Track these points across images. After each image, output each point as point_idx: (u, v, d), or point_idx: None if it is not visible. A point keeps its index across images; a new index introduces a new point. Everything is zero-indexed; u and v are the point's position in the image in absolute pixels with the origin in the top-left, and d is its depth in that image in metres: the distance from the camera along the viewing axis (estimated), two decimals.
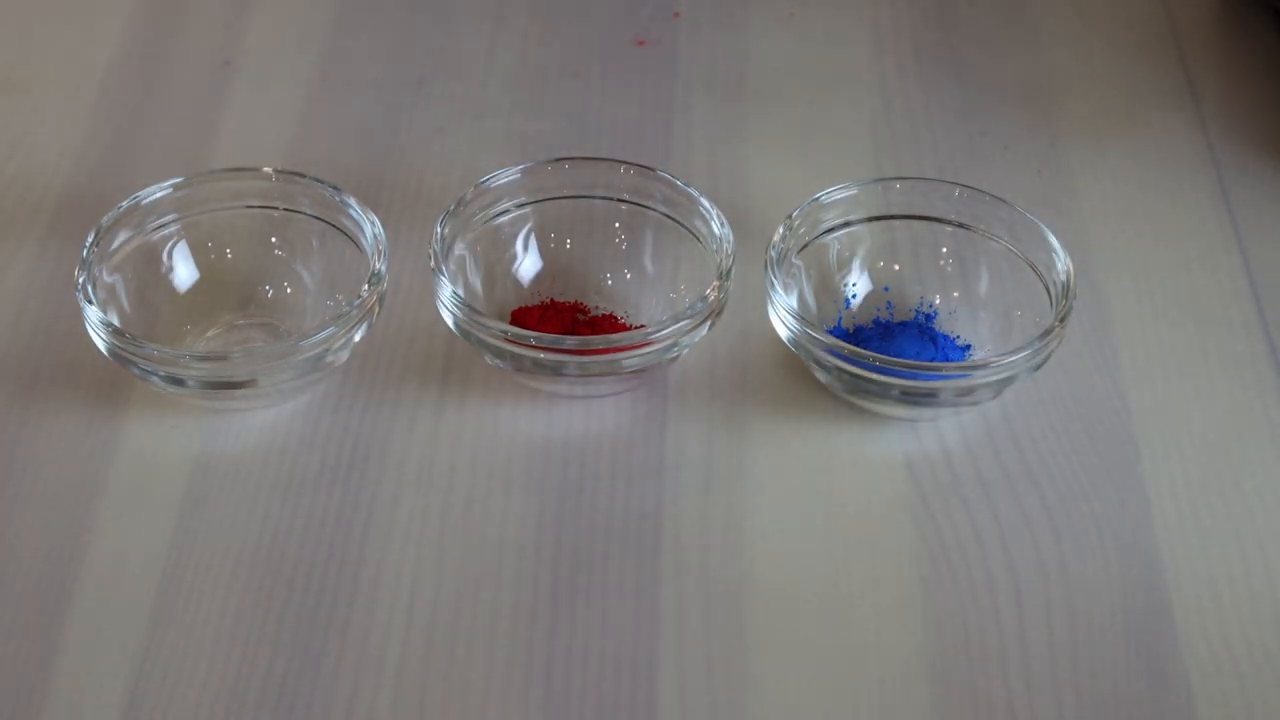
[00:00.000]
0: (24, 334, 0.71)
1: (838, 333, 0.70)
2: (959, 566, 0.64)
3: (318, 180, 0.71)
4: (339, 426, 0.68)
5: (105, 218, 0.69)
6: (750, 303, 0.72)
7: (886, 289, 0.72)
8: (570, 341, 0.66)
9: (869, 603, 0.63)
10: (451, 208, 0.70)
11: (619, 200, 0.72)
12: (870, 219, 0.72)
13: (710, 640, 0.61)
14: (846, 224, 0.71)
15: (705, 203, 0.70)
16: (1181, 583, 0.63)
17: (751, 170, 0.80)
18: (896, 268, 0.72)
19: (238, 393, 0.66)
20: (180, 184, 0.71)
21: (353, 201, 0.70)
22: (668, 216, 0.72)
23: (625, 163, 0.72)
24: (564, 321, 0.70)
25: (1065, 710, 0.59)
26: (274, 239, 0.72)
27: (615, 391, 0.69)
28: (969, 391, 0.65)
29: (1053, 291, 0.68)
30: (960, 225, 0.71)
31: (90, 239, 0.68)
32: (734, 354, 0.71)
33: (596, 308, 0.72)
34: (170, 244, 0.71)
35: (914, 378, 0.65)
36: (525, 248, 0.72)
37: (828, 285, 0.71)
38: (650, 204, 0.72)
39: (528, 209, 0.72)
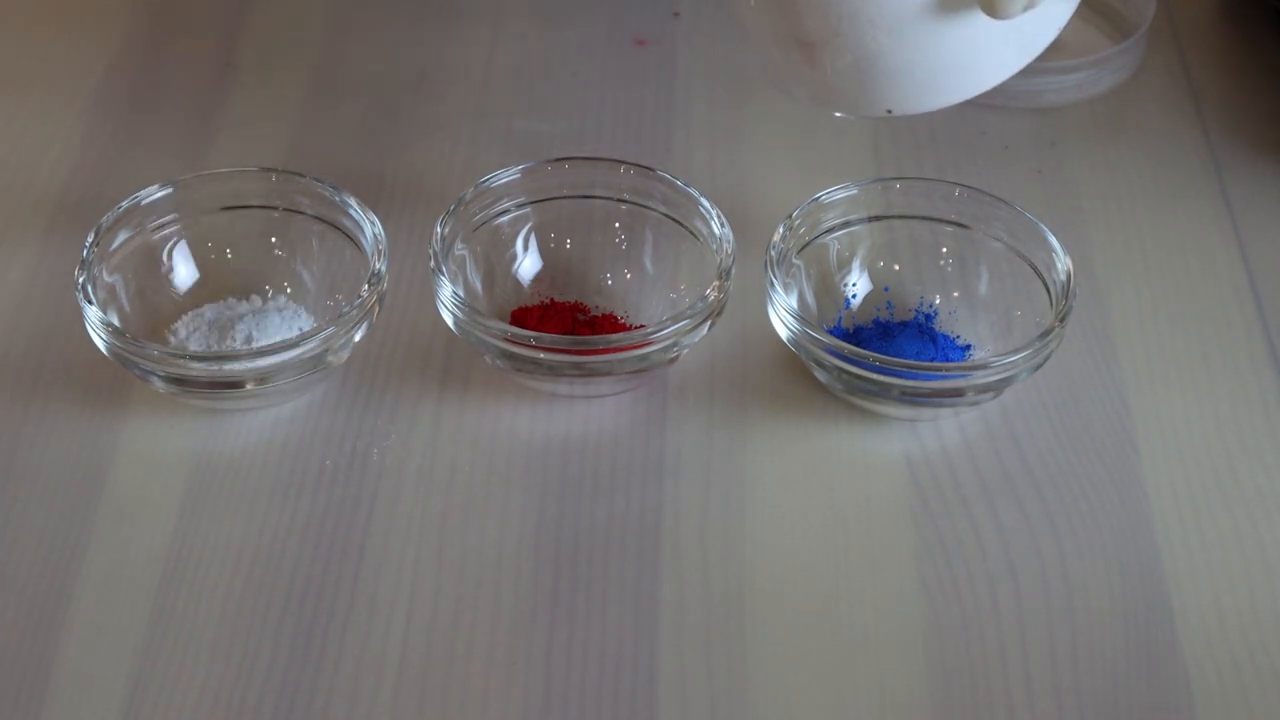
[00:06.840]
0: (24, 334, 0.71)
1: (838, 333, 0.70)
2: (959, 567, 0.64)
3: (318, 180, 0.71)
4: (339, 426, 0.68)
5: (105, 218, 0.69)
6: (750, 303, 0.72)
7: (886, 289, 0.72)
8: (570, 341, 0.66)
9: (869, 602, 0.63)
10: (451, 208, 0.70)
11: (619, 200, 0.72)
12: (870, 219, 0.72)
13: (710, 640, 0.61)
14: (846, 224, 0.71)
15: (705, 203, 0.70)
16: (1181, 582, 0.63)
17: (751, 170, 0.80)
18: (896, 268, 0.72)
19: (238, 393, 0.66)
20: (180, 184, 0.71)
21: (353, 201, 0.70)
22: (668, 216, 0.72)
23: (625, 163, 0.72)
24: (564, 321, 0.70)
25: (1065, 710, 0.59)
26: (274, 239, 0.72)
27: (615, 391, 0.69)
28: (969, 391, 0.65)
29: (1053, 291, 0.68)
30: (960, 225, 0.71)
31: (90, 239, 0.68)
32: (734, 354, 0.71)
33: (596, 308, 0.72)
34: (170, 244, 0.71)
35: (914, 378, 0.65)
36: (525, 248, 0.72)
37: (828, 285, 0.71)
38: (650, 204, 0.72)
39: (528, 209, 0.72)
